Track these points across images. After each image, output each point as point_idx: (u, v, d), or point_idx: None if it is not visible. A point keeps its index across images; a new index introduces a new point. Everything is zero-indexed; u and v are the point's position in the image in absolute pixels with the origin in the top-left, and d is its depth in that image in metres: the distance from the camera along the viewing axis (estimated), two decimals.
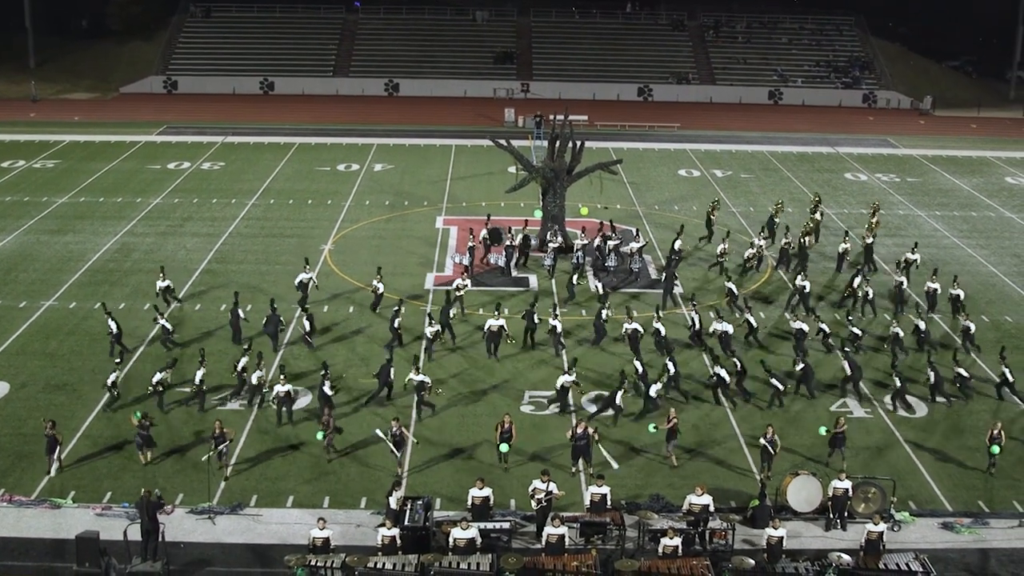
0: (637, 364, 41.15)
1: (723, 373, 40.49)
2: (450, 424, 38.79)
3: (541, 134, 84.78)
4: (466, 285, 48.87)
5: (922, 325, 46.00)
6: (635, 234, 56.38)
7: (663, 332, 44.65)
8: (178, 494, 33.62)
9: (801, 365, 41.40)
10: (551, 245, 55.14)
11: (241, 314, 45.43)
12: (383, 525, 30.01)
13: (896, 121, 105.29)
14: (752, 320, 45.97)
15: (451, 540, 29.66)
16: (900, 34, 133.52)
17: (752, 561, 29.03)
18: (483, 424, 38.61)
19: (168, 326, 44.62)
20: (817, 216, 61.02)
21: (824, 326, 46.00)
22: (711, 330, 44.83)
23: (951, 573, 30.49)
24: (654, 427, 36.63)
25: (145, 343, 45.04)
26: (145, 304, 48.88)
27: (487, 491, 32.01)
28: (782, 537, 29.99)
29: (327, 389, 37.98)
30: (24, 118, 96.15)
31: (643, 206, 68.16)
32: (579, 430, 35.02)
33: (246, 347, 41.78)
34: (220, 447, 34.39)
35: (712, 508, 31.57)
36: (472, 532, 29.81)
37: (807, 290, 49.63)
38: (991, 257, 59.31)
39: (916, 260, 54.28)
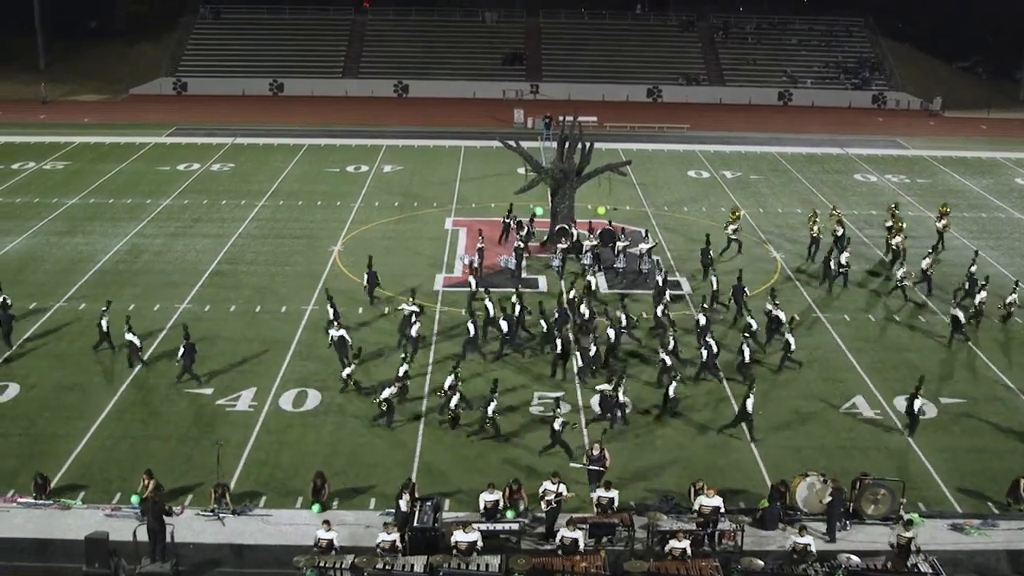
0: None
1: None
2: (460, 425, 38.78)
3: (550, 135, 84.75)
4: (414, 310, 45.76)
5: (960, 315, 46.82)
6: (644, 235, 56.40)
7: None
8: (187, 495, 33.72)
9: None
10: (560, 246, 55.14)
11: (104, 326, 43.95)
12: (385, 529, 30.00)
13: (906, 122, 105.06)
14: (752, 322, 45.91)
15: (453, 542, 29.70)
16: (909, 35, 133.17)
17: (761, 562, 29.04)
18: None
19: None
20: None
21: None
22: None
23: (961, 574, 30.48)
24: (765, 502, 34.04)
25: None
26: (155, 304, 49.04)
27: (497, 495, 32.04)
28: (808, 544, 29.92)
29: (490, 410, 37.63)
30: (34, 119, 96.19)
31: (652, 207, 68.11)
32: (594, 452, 34.69)
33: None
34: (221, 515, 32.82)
35: (722, 510, 31.59)
36: (474, 535, 29.82)
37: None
38: (1001, 258, 59.17)
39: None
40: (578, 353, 42.56)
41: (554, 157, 59.34)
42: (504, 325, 44.52)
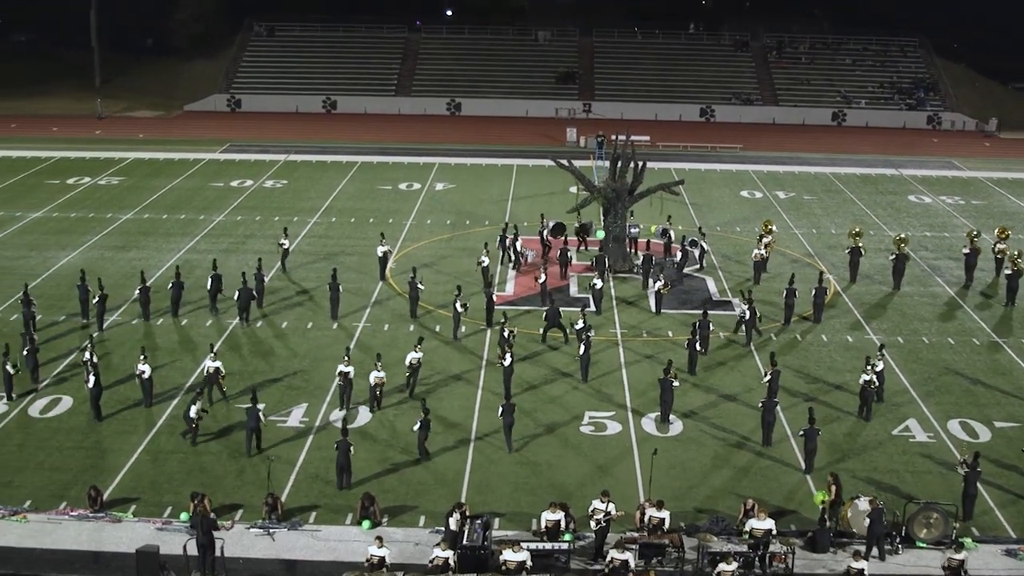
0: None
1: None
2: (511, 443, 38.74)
3: (603, 154, 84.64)
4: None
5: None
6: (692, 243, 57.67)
7: None
8: (238, 511, 33.81)
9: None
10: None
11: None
12: (439, 545, 30.00)
13: (961, 143, 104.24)
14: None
15: (502, 561, 29.63)
16: (965, 55, 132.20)
17: None
18: (543, 443, 38.61)
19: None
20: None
21: None
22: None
23: None
24: (821, 500, 33.85)
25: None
26: (207, 320, 49.21)
27: (559, 515, 31.91)
28: (863, 569, 29.51)
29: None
30: (89, 135, 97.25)
31: (705, 227, 67.80)
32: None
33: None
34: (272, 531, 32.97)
35: (774, 532, 31.33)
36: (523, 555, 29.76)
37: None
38: None
39: None
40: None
41: (606, 176, 59.31)
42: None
